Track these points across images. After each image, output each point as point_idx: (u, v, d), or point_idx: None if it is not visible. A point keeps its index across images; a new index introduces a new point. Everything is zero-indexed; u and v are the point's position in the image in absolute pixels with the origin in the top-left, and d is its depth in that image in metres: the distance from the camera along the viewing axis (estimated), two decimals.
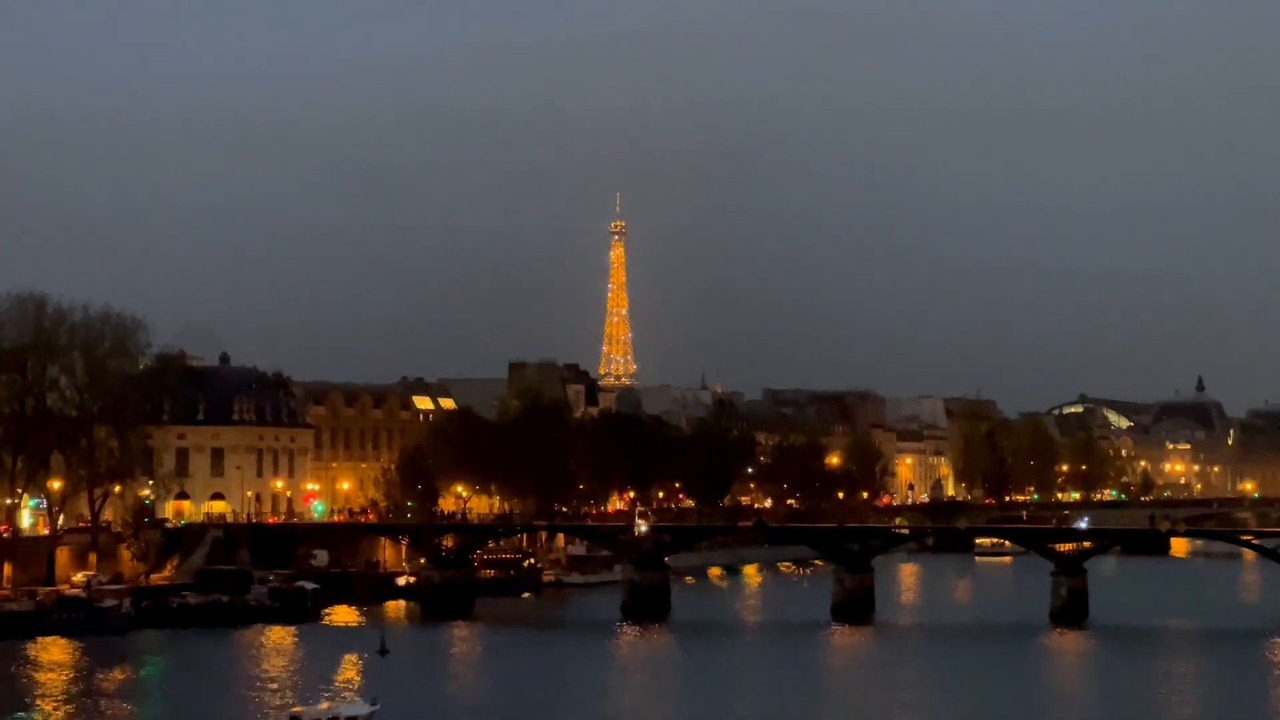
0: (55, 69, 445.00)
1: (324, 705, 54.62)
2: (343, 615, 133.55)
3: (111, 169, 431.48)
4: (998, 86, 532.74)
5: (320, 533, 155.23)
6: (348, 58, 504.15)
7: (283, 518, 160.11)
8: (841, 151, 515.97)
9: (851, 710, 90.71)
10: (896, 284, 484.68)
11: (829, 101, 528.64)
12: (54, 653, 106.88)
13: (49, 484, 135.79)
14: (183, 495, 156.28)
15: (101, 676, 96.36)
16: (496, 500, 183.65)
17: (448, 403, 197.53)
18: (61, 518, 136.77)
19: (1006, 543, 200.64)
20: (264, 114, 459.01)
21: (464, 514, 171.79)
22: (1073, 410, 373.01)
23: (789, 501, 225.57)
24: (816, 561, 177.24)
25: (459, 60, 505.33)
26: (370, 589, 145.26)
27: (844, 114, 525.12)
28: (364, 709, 54.02)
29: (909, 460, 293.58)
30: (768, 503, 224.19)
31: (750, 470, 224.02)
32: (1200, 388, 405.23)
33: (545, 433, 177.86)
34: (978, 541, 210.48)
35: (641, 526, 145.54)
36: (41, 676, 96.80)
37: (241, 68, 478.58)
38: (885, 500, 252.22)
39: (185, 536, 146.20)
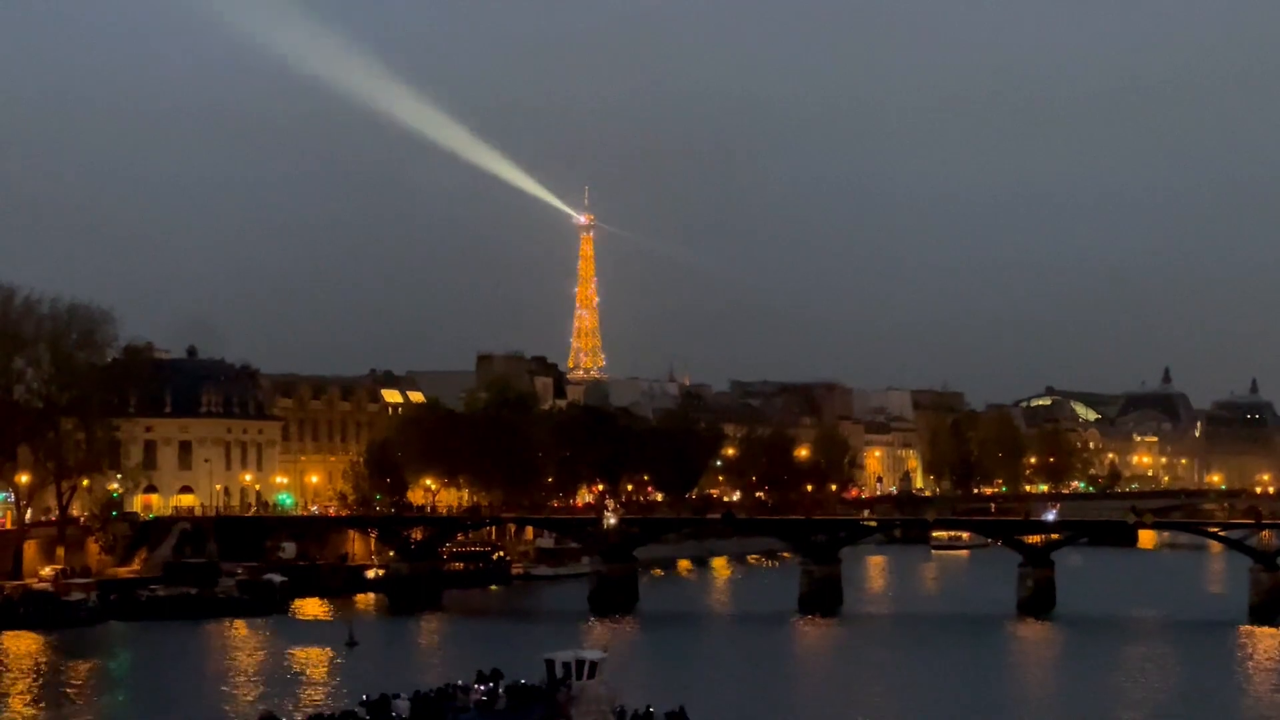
0: (28, 52, 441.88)
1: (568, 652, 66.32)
2: (311, 608, 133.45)
3: (81, 156, 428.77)
4: (966, 80, 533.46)
5: (288, 525, 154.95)
6: (318, 49, 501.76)
7: (251, 510, 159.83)
8: (809, 145, 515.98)
9: (820, 699, 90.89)
10: (863, 276, 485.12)
11: (797, 95, 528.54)
12: (21, 646, 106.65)
13: (16, 477, 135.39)
14: (151, 489, 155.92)
15: (69, 669, 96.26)
16: (465, 493, 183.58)
17: (416, 395, 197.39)
18: (29, 511, 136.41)
19: (965, 535, 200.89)
20: (230, 105, 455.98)
21: (433, 507, 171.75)
22: (1040, 402, 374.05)
23: (757, 494, 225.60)
24: (784, 553, 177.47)
25: (428, 52, 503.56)
26: (338, 581, 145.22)
27: (811, 108, 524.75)
28: (598, 654, 65.57)
29: (877, 452, 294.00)
30: (736, 495, 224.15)
31: (718, 462, 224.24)
32: (1167, 379, 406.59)
33: (513, 425, 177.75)
34: (934, 534, 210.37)
35: (610, 519, 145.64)
36: (9, 670, 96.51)
37: (213, 57, 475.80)
38: (853, 492, 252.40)
39: (153, 529, 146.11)
